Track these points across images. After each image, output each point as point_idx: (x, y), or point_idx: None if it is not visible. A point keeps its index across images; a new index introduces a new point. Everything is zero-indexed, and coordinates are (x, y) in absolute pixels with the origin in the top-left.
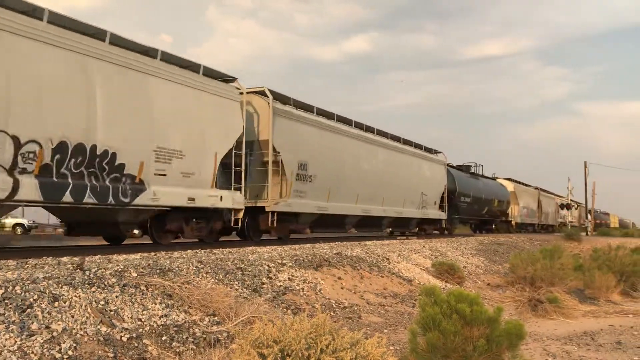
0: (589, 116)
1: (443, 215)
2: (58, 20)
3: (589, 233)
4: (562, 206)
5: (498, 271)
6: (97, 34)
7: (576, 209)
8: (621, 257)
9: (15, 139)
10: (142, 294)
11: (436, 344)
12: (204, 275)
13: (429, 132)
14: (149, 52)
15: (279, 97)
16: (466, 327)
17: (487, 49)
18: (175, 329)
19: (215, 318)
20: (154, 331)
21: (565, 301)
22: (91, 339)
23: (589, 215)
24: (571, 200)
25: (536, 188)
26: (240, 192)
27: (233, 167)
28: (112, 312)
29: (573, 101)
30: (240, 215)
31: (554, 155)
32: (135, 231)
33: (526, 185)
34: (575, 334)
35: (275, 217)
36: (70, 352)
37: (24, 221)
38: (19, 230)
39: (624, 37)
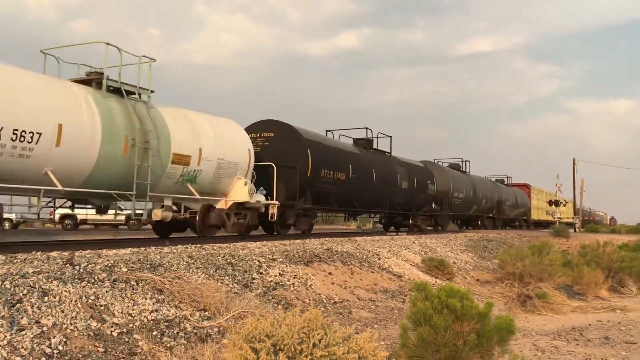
0: (579, 113)
1: None
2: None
3: (577, 230)
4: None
5: (487, 267)
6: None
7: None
8: (609, 254)
9: None
10: (133, 289)
11: (427, 339)
12: (195, 270)
13: (420, 130)
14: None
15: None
16: (457, 322)
17: (478, 45)
18: (165, 324)
19: (206, 313)
20: (144, 326)
21: (554, 297)
22: (81, 333)
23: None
24: (561, 197)
25: None
26: None
27: None
28: (102, 307)
29: (563, 98)
30: None
31: (545, 153)
32: None
33: None
34: (564, 329)
35: None
36: (60, 347)
37: (12, 216)
38: (7, 224)
39: (614, 34)
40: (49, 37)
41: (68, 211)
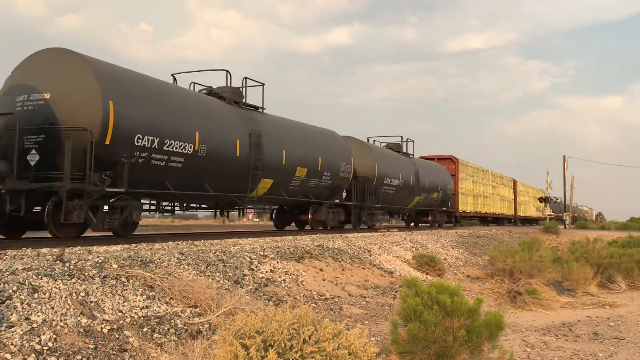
0: (569, 110)
1: None
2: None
3: (567, 226)
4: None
5: (478, 263)
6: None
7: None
8: (598, 250)
9: None
10: (123, 286)
11: (417, 335)
12: (186, 266)
13: (412, 125)
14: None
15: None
16: (447, 318)
17: (470, 42)
18: (156, 320)
19: (197, 310)
20: (135, 322)
21: (544, 293)
22: (71, 330)
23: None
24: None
25: None
26: None
27: None
28: (92, 304)
29: (554, 95)
30: None
31: (536, 149)
32: None
33: None
34: (553, 325)
35: None
36: (50, 344)
37: None
38: None
39: (606, 32)
40: (35, 33)
41: None
